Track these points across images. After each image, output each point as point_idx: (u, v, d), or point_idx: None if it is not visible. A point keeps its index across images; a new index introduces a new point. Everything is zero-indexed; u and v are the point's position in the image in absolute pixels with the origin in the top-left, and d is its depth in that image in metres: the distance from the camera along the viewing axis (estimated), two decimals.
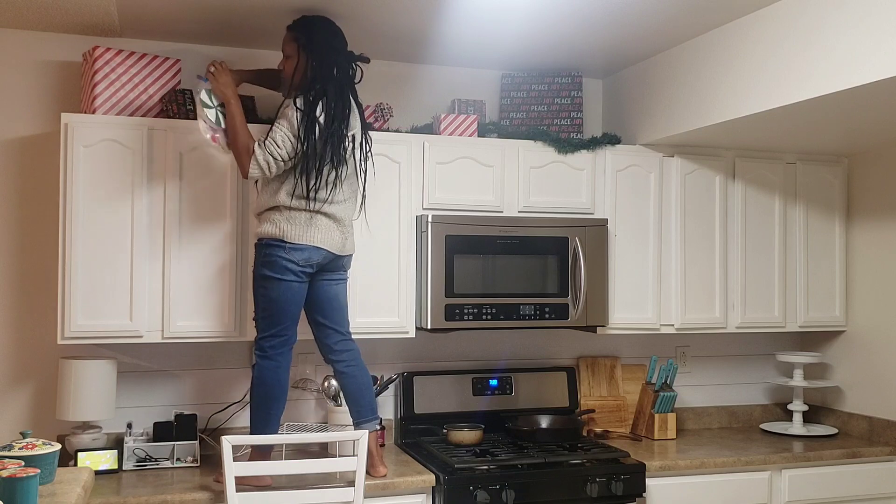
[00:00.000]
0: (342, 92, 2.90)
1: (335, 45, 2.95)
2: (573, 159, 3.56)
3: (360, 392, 3.02)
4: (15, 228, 3.25)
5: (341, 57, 2.95)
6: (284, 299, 2.87)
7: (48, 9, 3.00)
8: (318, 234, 2.87)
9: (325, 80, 2.87)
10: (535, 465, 3.17)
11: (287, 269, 2.85)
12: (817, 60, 2.76)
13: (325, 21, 2.98)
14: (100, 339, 3.02)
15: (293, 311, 2.91)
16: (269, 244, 2.88)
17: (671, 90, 3.49)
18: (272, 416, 2.91)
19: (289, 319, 2.90)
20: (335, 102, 2.86)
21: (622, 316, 3.62)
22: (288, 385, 2.96)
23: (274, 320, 2.89)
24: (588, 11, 3.03)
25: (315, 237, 2.86)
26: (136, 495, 2.76)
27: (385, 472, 3.01)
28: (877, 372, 3.85)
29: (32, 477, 1.89)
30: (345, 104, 2.90)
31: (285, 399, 2.95)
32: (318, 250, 2.87)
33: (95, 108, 3.05)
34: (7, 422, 3.20)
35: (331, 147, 2.84)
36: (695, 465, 3.38)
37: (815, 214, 3.94)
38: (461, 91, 3.78)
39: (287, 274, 2.85)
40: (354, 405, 3.03)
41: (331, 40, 2.94)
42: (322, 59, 2.90)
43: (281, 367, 2.91)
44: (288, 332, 2.91)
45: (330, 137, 2.83)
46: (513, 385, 3.72)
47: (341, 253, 2.96)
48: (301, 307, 2.94)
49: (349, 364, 3.01)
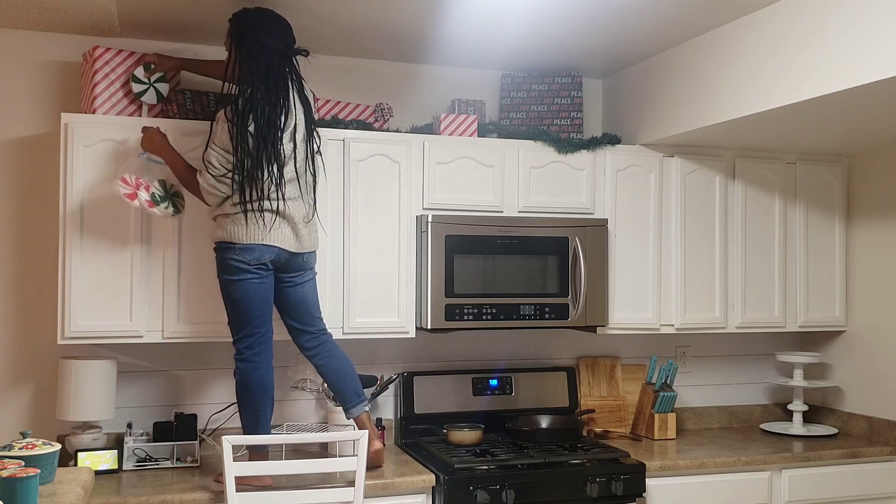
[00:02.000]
0: (274, 90, 2.81)
1: (265, 40, 2.82)
2: (573, 159, 3.56)
3: (338, 379, 3.02)
4: (15, 228, 3.25)
5: (272, 52, 2.83)
6: (246, 299, 2.86)
7: (48, 9, 3.00)
8: (265, 232, 2.83)
9: (252, 77, 2.80)
10: (535, 465, 3.17)
11: (240, 269, 2.83)
12: (817, 60, 2.76)
13: (259, 13, 2.87)
14: (100, 339, 3.02)
15: (259, 310, 2.88)
16: (221, 247, 2.87)
17: (671, 90, 3.49)
18: (260, 416, 2.91)
19: (256, 318, 2.88)
20: (263, 104, 2.78)
21: (622, 316, 3.62)
22: (272, 383, 2.93)
23: (242, 321, 2.88)
24: (588, 11, 3.03)
25: (262, 236, 2.83)
26: (136, 495, 2.76)
27: (380, 446, 3.04)
28: (877, 372, 3.85)
29: (32, 477, 1.89)
30: (276, 103, 2.81)
31: (271, 397, 2.93)
32: (268, 248, 2.84)
33: (95, 108, 3.05)
34: (7, 422, 3.20)
35: (263, 151, 2.77)
36: (695, 465, 3.38)
37: (815, 214, 3.94)
38: (461, 91, 3.78)
39: (242, 274, 2.83)
40: (338, 394, 3.04)
41: (261, 34, 2.82)
42: (250, 54, 2.82)
43: (260, 367, 2.90)
44: (258, 329, 2.89)
45: (261, 141, 2.77)
46: (513, 385, 3.72)
47: (298, 250, 2.91)
48: (268, 304, 2.91)
49: (322, 356, 3.01)
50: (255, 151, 2.77)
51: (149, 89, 3.08)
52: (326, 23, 3.17)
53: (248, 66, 2.82)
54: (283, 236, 2.87)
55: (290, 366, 3.49)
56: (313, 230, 2.99)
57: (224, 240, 2.85)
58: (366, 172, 3.28)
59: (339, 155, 3.25)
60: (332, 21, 3.15)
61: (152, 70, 3.08)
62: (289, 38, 2.92)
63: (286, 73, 2.87)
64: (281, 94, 2.83)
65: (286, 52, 2.89)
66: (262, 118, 2.78)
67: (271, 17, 2.90)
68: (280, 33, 2.89)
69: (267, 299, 2.91)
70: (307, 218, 2.94)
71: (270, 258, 2.86)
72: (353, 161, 3.27)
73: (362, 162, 3.28)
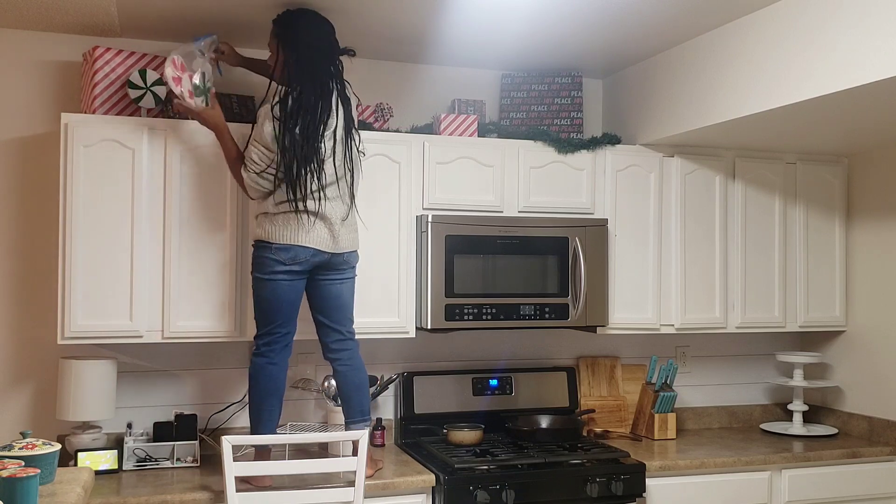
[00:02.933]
0: (320, 91, 2.85)
1: (312, 41, 2.89)
2: (573, 159, 3.56)
3: (350, 393, 3.01)
4: (15, 228, 3.25)
5: (319, 53, 2.90)
6: (274, 298, 2.89)
7: (48, 9, 3.00)
8: (302, 233, 2.86)
9: (301, 79, 2.84)
10: (535, 465, 3.17)
11: (274, 269, 2.87)
12: (817, 60, 2.76)
13: (306, 15, 2.92)
14: (100, 339, 3.02)
15: (285, 310, 2.91)
16: (258, 245, 2.91)
17: (671, 90, 3.49)
18: (263, 413, 2.92)
19: (280, 318, 2.91)
20: (310, 105, 2.82)
21: (622, 316, 3.62)
22: (283, 383, 2.96)
23: (266, 319, 2.91)
24: (588, 12, 3.03)
25: (300, 237, 2.86)
26: (136, 495, 2.76)
27: (371, 472, 2.98)
28: (877, 372, 3.85)
29: (32, 477, 1.89)
30: (323, 105, 2.85)
31: (280, 397, 2.95)
32: (304, 249, 2.86)
33: (95, 108, 3.05)
34: (7, 422, 3.20)
35: (305, 151, 2.81)
36: (695, 465, 3.38)
37: (815, 214, 3.94)
38: (461, 91, 3.78)
39: (275, 274, 2.87)
40: (345, 405, 3.04)
41: (308, 36, 2.89)
42: (299, 56, 2.87)
43: (273, 364, 2.92)
44: (280, 330, 2.92)
45: (305, 142, 2.81)
46: (513, 385, 3.72)
47: (335, 251, 2.93)
48: (294, 307, 2.94)
49: (344, 363, 3.01)
50: (298, 151, 2.80)
51: (146, 94, 3.07)
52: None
53: (296, 67, 2.86)
54: (320, 237, 2.89)
55: (291, 366, 3.48)
56: (352, 230, 3.00)
57: (262, 238, 2.89)
58: (366, 172, 3.27)
59: None
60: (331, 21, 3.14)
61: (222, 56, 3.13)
62: (332, 38, 2.97)
63: (331, 73, 2.91)
64: (325, 94, 2.87)
65: (331, 53, 2.93)
66: (308, 118, 2.81)
67: (317, 18, 2.94)
68: (324, 34, 2.94)
69: (293, 303, 2.93)
70: (345, 218, 2.96)
71: (307, 258, 2.88)
72: None
73: (362, 162, 3.28)
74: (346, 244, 2.98)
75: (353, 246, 3.02)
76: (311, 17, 2.93)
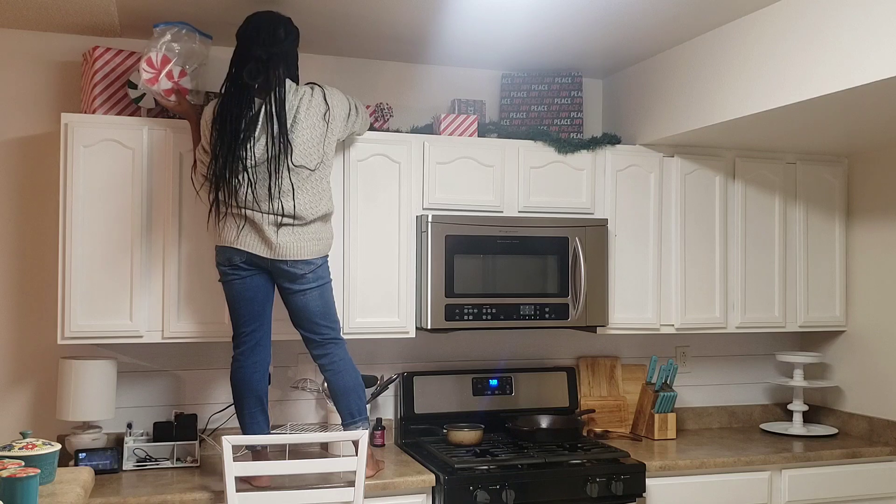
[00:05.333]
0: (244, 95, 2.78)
1: (246, 42, 2.83)
2: (573, 159, 3.56)
3: (336, 397, 2.96)
4: (15, 228, 3.25)
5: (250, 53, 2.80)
6: (230, 298, 2.91)
7: (48, 9, 3.00)
8: (232, 235, 2.84)
9: (230, 82, 2.83)
10: (535, 465, 3.17)
11: (223, 270, 2.90)
12: (817, 60, 2.76)
13: (253, 21, 2.86)
14: (100, 339, 3.02)
15: (242, 309, 2.89)
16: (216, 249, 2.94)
17: (671, 90, 3.49)
18: (245, 415, 2.92)
19: (241, 317, 2.90)
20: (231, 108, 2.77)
21: (622, 316, 3.62)
22: (259, 383, 2.92)
23: (233, 322, 2.93)
24: (588, 11, 3.03)
25: (230, 238, 2.84)
26: (136, 495, 2.76)
27: (372, 473, 2.98)
28: (877, 372, 3.85)
29: (32, 477, 1.89)
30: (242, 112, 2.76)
31: (258, 397, 2.92)
32: (236, 251, 2.84)
33: (95, 108, 3.05)
34: (7, 422, 3.20)
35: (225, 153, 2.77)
36: (695, 465, 3.38)
37: (815, 214, 3.94)
38: (461, 91, 3.78)
39: (224, 275, 2.90)
40: (336, 407, 3.00)
41: (246, 36, 2.84)
42: (234, 60, 2.86)
43: (242, 367, 2.91)
44: (243, 329, 2.90)
45: (223, 147, 2.77)
46: (513, 385, 3.72)
47: (272, 257, 2.82)
48: (253, 304, 2.89)
49: (327, 368, 2.96)
50: (222, 153, 2.78)
51: (146, 94, 3.07)
52: (326, 22, 3.17)
53: (230, 70, 2.85)
54: (249, 240, 2.83)
55: (291, 366, 3.50)
56: (306, 238, 2.85)
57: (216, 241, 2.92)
58: (366, 172, 3.28)
59: (338, 155, 3.25)
60: (332, 21, 3.15)
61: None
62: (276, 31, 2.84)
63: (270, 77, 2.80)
64: (253, 100, 2.79)
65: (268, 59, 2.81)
66: (227, 123, 2.77)
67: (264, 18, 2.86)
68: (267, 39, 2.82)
69: (251, 299, 2.89)
70: (284, 224, 2.81)
71: (241, 261, 2.85)
72: (353, 161, 3.27)
73: (362, 162, 3.28)
74: (292, 252, 2.83)
75: (307, 254, 2.85)
76: (258, 21, 2.86)
